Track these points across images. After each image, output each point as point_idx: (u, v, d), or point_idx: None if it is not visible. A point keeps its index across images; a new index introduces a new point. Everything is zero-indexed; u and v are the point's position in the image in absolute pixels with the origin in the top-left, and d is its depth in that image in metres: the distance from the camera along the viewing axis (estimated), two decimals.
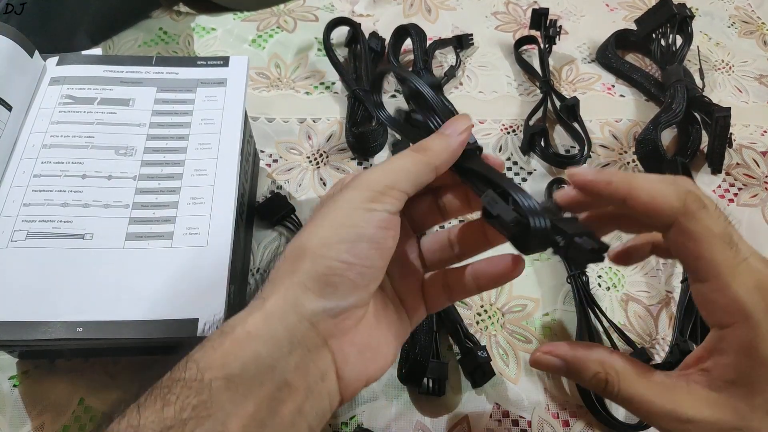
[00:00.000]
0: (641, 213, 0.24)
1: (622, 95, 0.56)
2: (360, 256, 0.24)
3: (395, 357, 0.28)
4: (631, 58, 0.59)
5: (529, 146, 0.50)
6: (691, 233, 0.23)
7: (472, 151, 0.28)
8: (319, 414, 0.24)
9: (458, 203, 0.30)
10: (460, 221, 0.34)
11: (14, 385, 0.37)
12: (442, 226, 0.39)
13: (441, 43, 0.57)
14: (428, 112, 0.29)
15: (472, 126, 0.28)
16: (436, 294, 0.30)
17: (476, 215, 0.28)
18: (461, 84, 0.56)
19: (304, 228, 0.26)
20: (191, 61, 0.41)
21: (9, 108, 0.35)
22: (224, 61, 0.41)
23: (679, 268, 0.45)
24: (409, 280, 0.30)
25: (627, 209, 0.24)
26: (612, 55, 0.57)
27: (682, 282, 0.43)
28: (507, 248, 0.27)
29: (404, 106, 0.53)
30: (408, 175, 0.26)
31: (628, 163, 0.51)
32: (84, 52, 0.41)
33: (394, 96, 0.55)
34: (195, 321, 0.30)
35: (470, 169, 0.27)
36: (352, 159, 0.50)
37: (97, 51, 0.43)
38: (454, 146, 0.27)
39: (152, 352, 0.38)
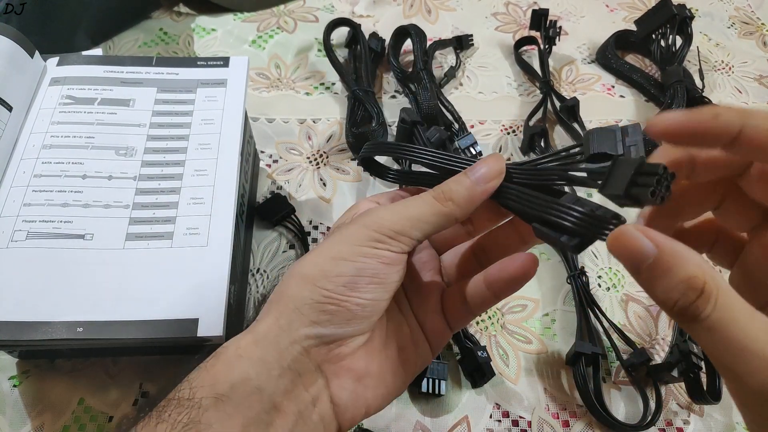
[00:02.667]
0: (759, 151, 0.19)
1: (621, 96, 0.56)
2: (359, 290, 0.24)
3: (401, 386, 0.27)
4: (631, 58, 0.59)
5: (529, 147, 0.50)
6: None
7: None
8: None
9: (487, 219, 0.28)
10: None
11: (14, 385, 0.37)
12: None
13: (441, 44, 0.57)
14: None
15: (504, 171, 0.25)
16: (456, 309, 0.28)
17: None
18: (461, 84, 0.56)
19: (307, 255, 0.26)
20: (191, 61, 0.41)
21: (9, 108, 0.35)
22: (224, 62, 0.41)
23: None
24: (428, 301, 0.28)
25: (736, 151, 0.19)
26: (612, 55, 0.57)
27: None
28: None
29: (405, 106, 0.53)
30: (423, 226, 0.24)
31: None
32: (84, 53, 0.41)
33: (394, 96, 0.55)
34: (195, 321, 0.30)
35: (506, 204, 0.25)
36: (352, 159, 0.50)
37: (97, 51, 0.43)
38: (479, 196, 0.25)
39: (152, 352, 0.38)
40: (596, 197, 0.40)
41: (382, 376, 0.26)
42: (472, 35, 0.59)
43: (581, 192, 0.38)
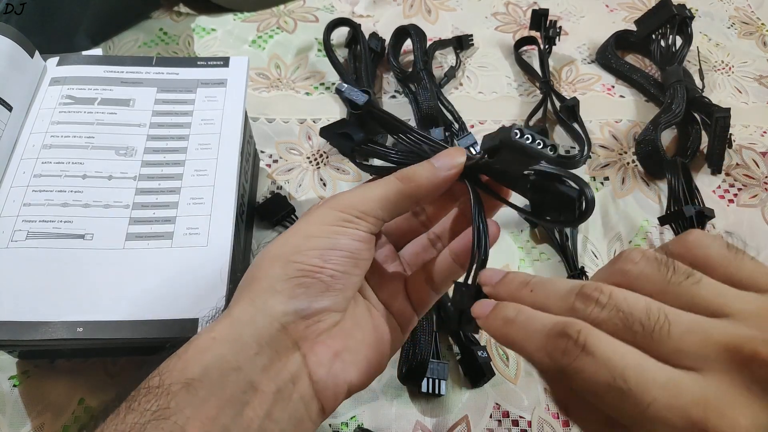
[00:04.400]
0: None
1: (621, 96, 0.56)
2: (332, 262, 0.24)
3: (383, 361, 0.28)
4: (631, 58, 0.59)
5: None
6: None
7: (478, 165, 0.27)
8: (293, 421, 0.24)
9: (442, 207, 0.30)
10: None
11: (14, 385, 0.37)
12: None
13: (441, 44, 0.57)
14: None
15: (464, 163, 0.27)
16: (420, 290, 0.29)
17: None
18: (461, 85, 0.56)
19: (275, 239, 0.26)
20: (191, 61, 0.41)
21: (9, 108, 0.35)
22: (224, 62, 0.41)
23: None
24: (391, 288, 0.29)
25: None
26: (612, 55, 0.57)
27: None
28: None
29: (405, 106, 0.53)
30: (386, 204, 0.26)
31: (628, 163, 0.51)
32: (84, 53, 0.41)
33: (394, 96, 0.55)
34: (195, 321, 0.30)
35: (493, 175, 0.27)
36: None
37: (97, 51, 0.43)
38: (440, 181, 0.26)
39: (152, 352, 0.38)
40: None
41: (362, 351, 0.26)
42: (472, 35, 0.59)
43: None
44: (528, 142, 0.23)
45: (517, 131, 0.23)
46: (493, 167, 0.27)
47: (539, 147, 0.23)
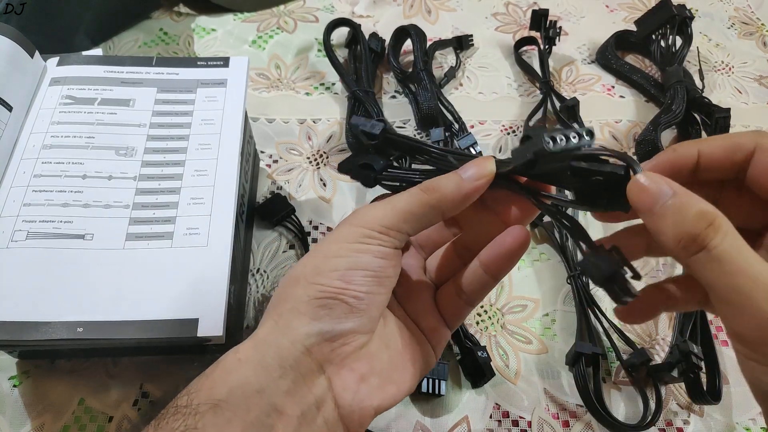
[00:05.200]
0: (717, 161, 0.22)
1: (621, 96, 0.56)
2: (354, 282, 0.24)
3: (412, 385, 0.27)
4: (631, 59, 0.59)
5: None
6: None
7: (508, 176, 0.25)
8: None
9: (476, 220, 0.28)
10: None
11: (14, 385, 0.37)
12: None
13: (441, 44, 0.57)
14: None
15: (496, 171, 0.25)
16: (452, 303, 0.28)
17: None
18: (461, 85, 0.56)
19: (300, 260, 0.26)
20: (191, 61, 0.41)
21: (9, 108, 0.35)
22: (224, 62, 0.41)
23: (678, 269, 0.45)
24: (420, 301, 0.28)
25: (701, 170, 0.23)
26: (612, 56, 0.57)
27: None
28: None
29: (405, 107, 0.53)
30: (410, 218, 0.25)
31: None
32: (84, 53, 0.41)
33: (394, 96, 0.55)
34: (195, 321, 0.30)
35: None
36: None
37: (97, 51, 0.43)
38: (467, 192, 0.25)
39: (153, 352, 0.38)
40: None
41: (389, 375, 0.25)
42: (472, 35, 0.59)
43: None
44: (564, 143, 0.21)
45: (549, 139, 0.21)
46: (532, 173, 0.25)
47: (576, 141, 0.21)
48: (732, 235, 0.19)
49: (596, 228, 0.46)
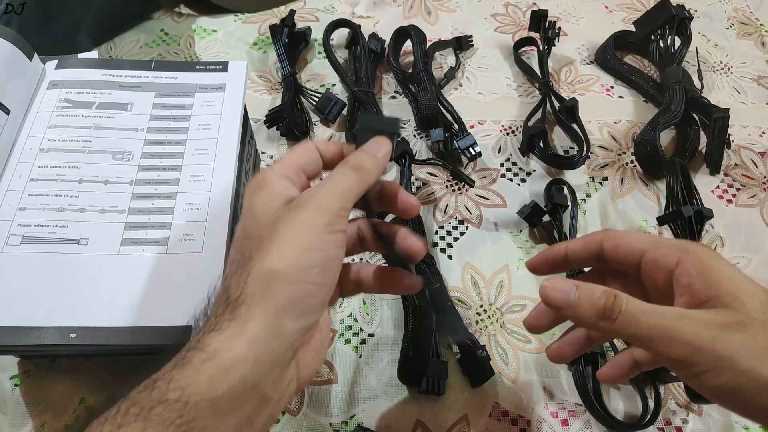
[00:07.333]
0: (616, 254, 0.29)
1: (620, 96, 0.56)
2: (328, 276, 0.26)
3: (327, 345, 0.31)
4: (630, 59, 0.59)
5: (528, 147, 0.50)
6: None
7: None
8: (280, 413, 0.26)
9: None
10: None
11: (15, 385, 0.37)
12: None
13: (441, 45, 0.57)
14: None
15: (390, 148, 0.29)
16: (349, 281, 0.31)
17: None
18: (461, 85, 0.56)
19: (270, 247, 0.25)
20: (190, 65, 0.41)
21: (7, 111, 0.35)
22: (223, 66, 0.41)
23: None
24: None
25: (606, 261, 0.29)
26: (611, 56, 0.57)
27: None
28: None
29: (405, 107, 0.53)
30: (353, 196, 0.27)
31: (627, 164, 0.51)
32: (83, 56, 0.41)
33: (393, 97, 0.55)
34: (189, 328, 0.30)
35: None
36: None
37: (93, 54, 0.43)
38: (382, 167, 0.28)
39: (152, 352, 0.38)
40: None
41: (322, 343, 0.28)
42: (471, 36, 0.59)
43: None
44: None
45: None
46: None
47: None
48: (631, 298, 0.25)
49: (596, 228, 0.46)
